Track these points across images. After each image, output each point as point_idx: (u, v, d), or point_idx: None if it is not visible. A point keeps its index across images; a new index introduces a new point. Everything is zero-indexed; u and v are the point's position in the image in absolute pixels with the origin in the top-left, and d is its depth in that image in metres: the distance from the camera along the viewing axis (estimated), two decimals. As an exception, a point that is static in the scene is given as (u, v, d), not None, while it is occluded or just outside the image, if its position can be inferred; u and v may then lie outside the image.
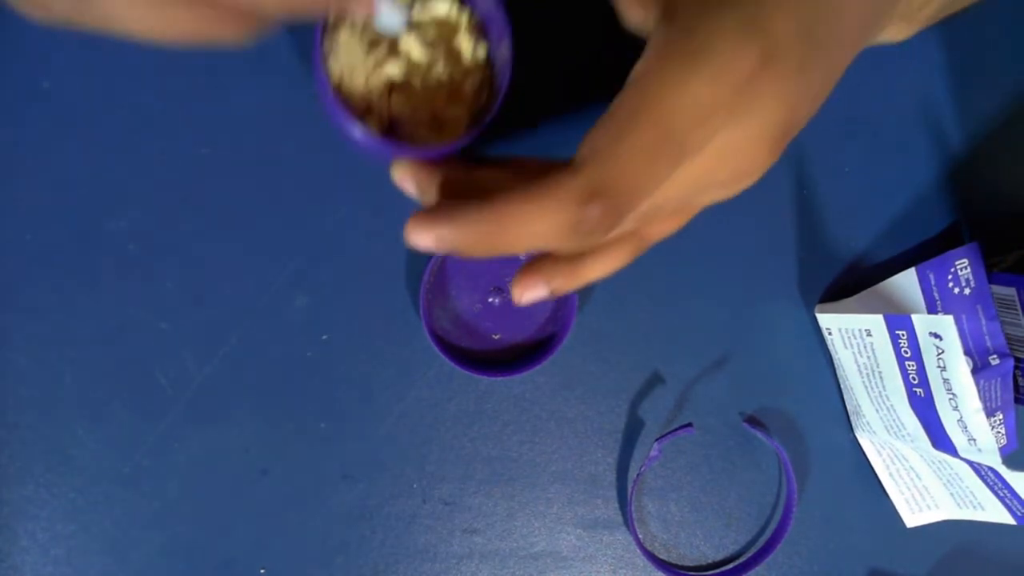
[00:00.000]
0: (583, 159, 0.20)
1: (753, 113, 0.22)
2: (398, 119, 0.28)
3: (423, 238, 0.21)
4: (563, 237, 0.21)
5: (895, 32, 0.29)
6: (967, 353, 0.34)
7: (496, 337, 0.35)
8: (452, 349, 0.34)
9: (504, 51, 0.28)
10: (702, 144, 0.21)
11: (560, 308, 0.35)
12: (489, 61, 0.29)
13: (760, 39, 0.21)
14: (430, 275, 0.32)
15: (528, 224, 0.20)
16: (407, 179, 0.27)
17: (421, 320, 0.33)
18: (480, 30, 0.29)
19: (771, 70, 0.21)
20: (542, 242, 0.21)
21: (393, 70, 0.28)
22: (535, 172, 0.23)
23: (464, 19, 0.28)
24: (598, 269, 0.25)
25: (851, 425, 0.38)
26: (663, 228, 0.26)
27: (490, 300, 0.34)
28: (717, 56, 0.20)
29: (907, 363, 0.33)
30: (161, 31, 0.20)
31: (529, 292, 0.24)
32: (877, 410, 0.36)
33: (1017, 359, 0.34)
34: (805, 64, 0.22)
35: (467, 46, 0.28)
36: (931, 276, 0.35)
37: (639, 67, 0.21)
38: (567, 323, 0.33)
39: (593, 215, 0.20)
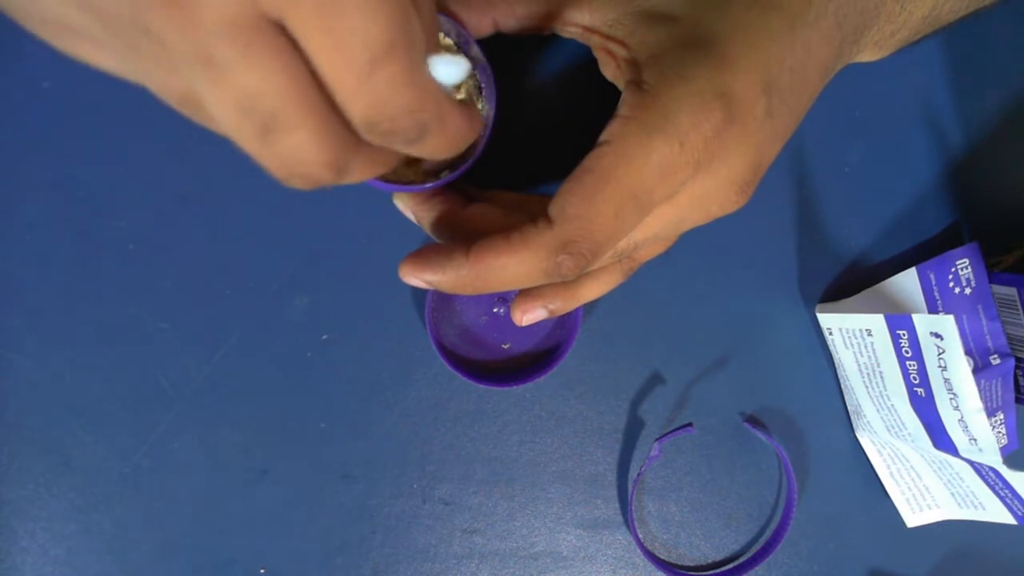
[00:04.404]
0: (556, 215, 0.23)
1: (721, 162, 0.23)
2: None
3: (413, 280, 0.25)
4: (538, 280, 0.23)
5: (868, 56, 0.29)
6: (968, 353, 0.34)
7: (506, 347, 0.35)
8: (463, 362, 0.34)
9: (488, 90, 0.28)
10: (669, 196, 0.23)
11: (566, 314, 0.35)
12: (472, 96, 0.30)
13: (723, 101, 0.22)
14: (433, 292, 0.32)
15: (505, 270, 0.23)
16: (406, 210, 0.29)
17: (429, 336, 0.33)
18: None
19: (737, 124, 0.23)
20: (519, 284, 0.23)
21: None
22: (514, 206, 0.27)
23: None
24: (593, 290, 0.28)
25: (852, 425, 0.38)
26: (649, 252, 0.28)
27: (495, 310, 0.34)
28: (682, 121, 0.22)
29: (908, 363, 0.33)
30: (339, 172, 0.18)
31: (529, 314, 0.27)
32: (878, 410, 0.36)
33: (1018, 359, 0.34)
34: (771, 110, 0.24)
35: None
36: (931, 276, 0.35)
37: (609, 129, 0.23)
38: (574, 328, 0.33)
39: (564, 263, 0.23)
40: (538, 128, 0.34)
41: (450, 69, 0.17)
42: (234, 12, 0.15)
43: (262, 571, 0.34)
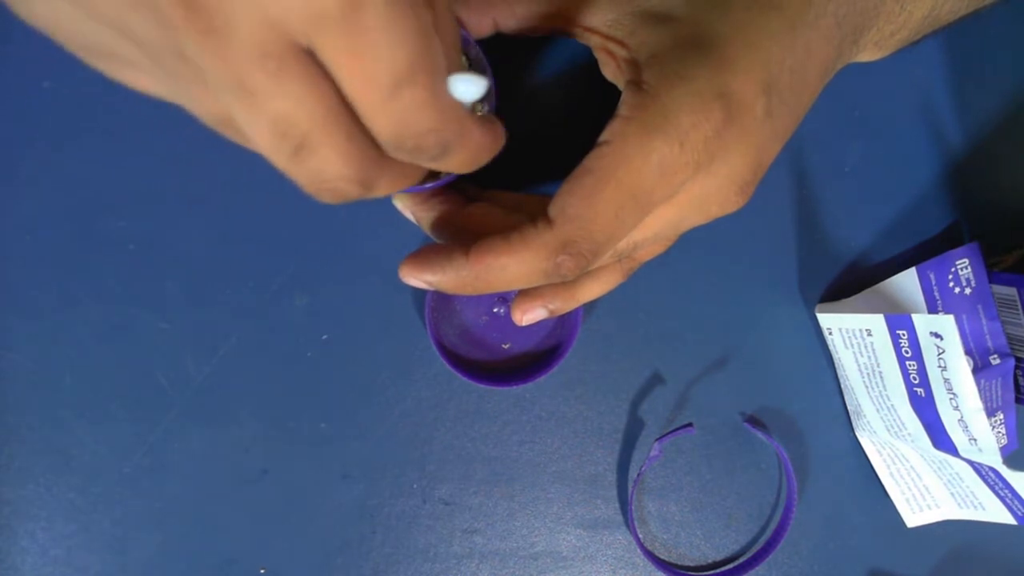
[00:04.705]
0: (556, 215, 0.23)
1: (721, 162, 0.23)
2: None
3: (413, 281, 0.25)
4: (537, 280, 0.23)
5: (868, 56, 0.29)
6: (968, 353, 0.34)
7: (506, 347, 0.35)
8: (463, 362, 0.34)
9: (489, 91, 0.28)
10: (669, 196, 0.23)
11: (566, 314, 0.35)
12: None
13: (723, 101, 0.22)
14: (433, 292, 0.32)
15: (505, 271, 0.23)
16: (405, 210, 0.29)
17: (429, 336, 0.33)
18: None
19: (737, 124, 0.23)
20: (519, 285, 0.24)
21: None
22: (514, 206, 0.27)
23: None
24: (593, 290, 0.28)
25: (851, 425, 0.38)
26: (649, 252, 0.28)
27: (495, 310, 0.34)
28: (682, 121, 0.22)
29: (908, 363, 0.33)
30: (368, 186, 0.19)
31: (529, 314, 0.27)
32: (878, 410, 0.36)
33: (1018, 359, 0.34)
34: (771, 110, 0.24)
35: None
36: (931, 276, 0.35)
37: (609, 129, 0.23)
38: (574, 328, 0.33)
39: (564, 264, 0.23)
40: (538, 128, 0.34)
41: (469, 87, 0.18)
42: (265, 40, 0.15)
43: (262, 571, 0.34)
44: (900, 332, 0.32)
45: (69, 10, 0.17)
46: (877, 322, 0.33)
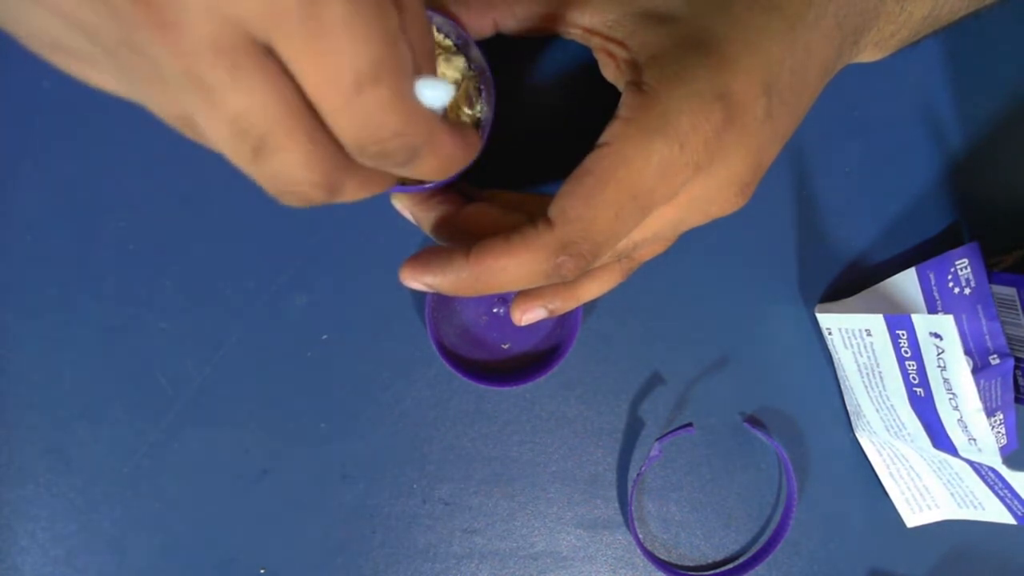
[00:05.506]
0: (556, 216, 0.22)
1: (720, 163, 0.23)
2: None
3: (413, 283, 0.25)
4: (538, 281, 0.23)
5: (869, 56, 0.29)
6: (967, 353, 0.34)
7: (506, 347, 0.35)
8: (463, 362, 0.34)
9: (487, 91, 0.28)
10: (669, 197, 0.23)
11: (566, 314, 0.35)
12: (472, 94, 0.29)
13: (723, 102, 0.22)
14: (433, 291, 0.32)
15: (505, 272, 0.23)
16: (404, 210, 0.29)
17: (429, 336, 0.33)
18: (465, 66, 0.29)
19: (737, 125, 0.23)
20: (519, 286, 0.24)
21: None
22: (514, 206, 0.27)
23: (448, 44, 0.28)
24: (592, 290, 0.28)
25: (851, 425, 0.38)
26: (648, 252, 0.28)
27: (495, 310, 0.34)
28: (682, 122, 0.22)
29: (907, 363, 0.33)
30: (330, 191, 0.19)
31: (528, 314, 0.27)
32: (877, 410, 0.36)
33: (1017, 359, 0.34)
34: (771, 110, 0.24)
35: (452, 75, 0.28)
36: (931, 276, 0.35)
37: (610, 130, 0.23)
38: (574, 328, 0.33)
39: (565, 264, 0.23)
40: (538, 129, 0.34)
41: (437, 92, 0.18)
42: (220, 35, 0.15)
43: (262, 571, 0.34)
44: (900, 332, 0.32)
45: (24, 3, 0.16)
46: (877, 322, 0.33)
